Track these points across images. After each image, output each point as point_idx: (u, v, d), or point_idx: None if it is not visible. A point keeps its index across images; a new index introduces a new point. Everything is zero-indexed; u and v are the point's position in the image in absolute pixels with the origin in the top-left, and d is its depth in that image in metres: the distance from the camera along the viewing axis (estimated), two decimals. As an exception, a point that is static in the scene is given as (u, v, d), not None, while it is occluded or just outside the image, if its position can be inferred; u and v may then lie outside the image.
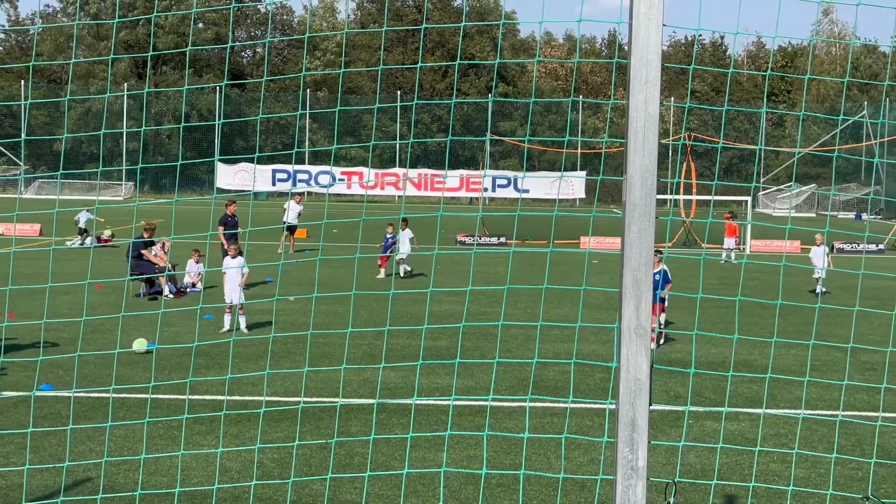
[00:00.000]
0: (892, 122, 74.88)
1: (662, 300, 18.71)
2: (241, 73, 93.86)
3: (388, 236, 29.17)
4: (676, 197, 45.29)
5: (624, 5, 4.08)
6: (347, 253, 31.67)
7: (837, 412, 13.38)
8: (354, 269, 16.11)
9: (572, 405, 13.57)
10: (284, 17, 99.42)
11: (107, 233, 35.45)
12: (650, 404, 4.16)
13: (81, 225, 37.94)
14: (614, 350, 4.31)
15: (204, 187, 79.62)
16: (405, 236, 28.71)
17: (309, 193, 79.02)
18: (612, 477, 4.27)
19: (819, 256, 27.46)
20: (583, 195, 77.05)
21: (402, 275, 28.49)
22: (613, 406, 4.26)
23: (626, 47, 4.21)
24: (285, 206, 37.20)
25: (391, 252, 28.42)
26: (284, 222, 35.09)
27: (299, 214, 36.05)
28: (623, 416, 4.10)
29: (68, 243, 36.81)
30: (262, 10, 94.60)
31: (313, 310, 20.99)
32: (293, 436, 11.24)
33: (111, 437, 11.36)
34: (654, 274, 4.23)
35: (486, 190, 74.32)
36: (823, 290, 27.14)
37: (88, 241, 35.93)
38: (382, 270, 28.95)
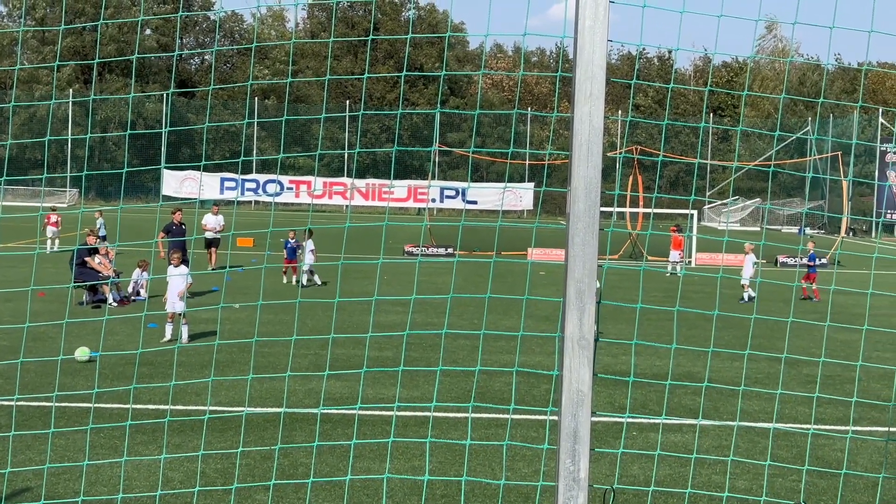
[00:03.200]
0: (835, 138, 75.88)
1: None
2: (189, 81, 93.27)
3: (289, 241, 29.67)
4: (623, 210, 45.62)
5: (570, 19, 4.10)
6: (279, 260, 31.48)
7: (778, 424, 13.53)
8: (300, 278, 16.03)
9: (515, 415, 13.61)
10: (233, 24, 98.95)
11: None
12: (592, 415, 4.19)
13: (102, 233, 35.98)
14: (556, 360, 4.34)
15: (150, 195, 78.96)
16: (307, 247, 29.09)
17: (256, 202, 78.63)
18: (553, 483, 4.29)
19: (748, 265, 29.05)
20: (531, 206, 77.36)
21: (304, 284, 28.50)
22: (555, 417, 4.28)
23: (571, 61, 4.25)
24: (204, 220, 33.76)
25: (296, 258, 29.07)
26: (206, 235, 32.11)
27: (221, 226, 33.53)
28: (565, 428, 4.13)
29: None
30: (212, 18, 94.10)
31: (258, 319, 20.88)
32: (237, 445, 11.17)
33: (52, 447, 11.22)
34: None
35: (433, 200, 74.40)
36: (752, 295, 28.37)
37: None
38: (284, 276, 29.47)
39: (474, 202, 75.88)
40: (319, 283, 28.85)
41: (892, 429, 13.60)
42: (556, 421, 4.26)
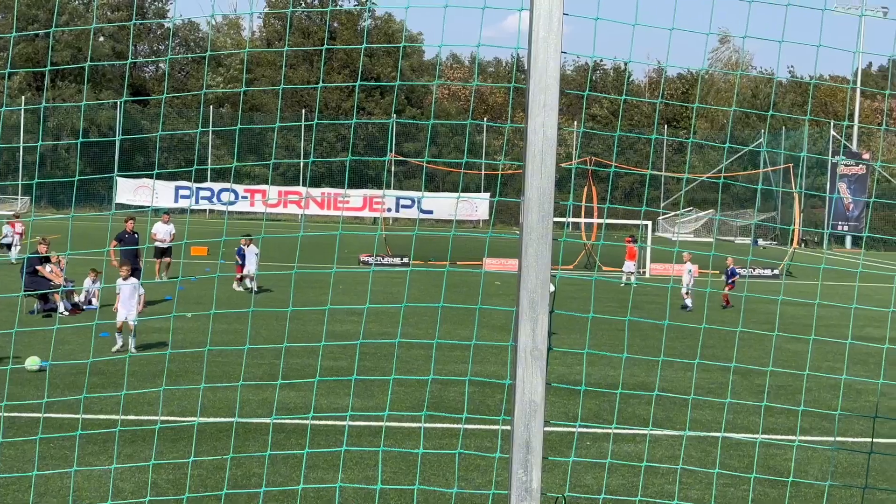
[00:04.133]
0: (773, 150, 76.66)
1: None
2: (143, 88, 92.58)
3: (242, 248, 29.91)
4: (578, 220, 45.79)
5: (524, 30, 4.12)
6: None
7: (730, 433, 13.63)
8: (252, 286, 15.96)
9: (470, 425, 13.61)
10: (188, 33, 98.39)
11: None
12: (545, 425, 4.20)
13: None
14: (509, 370, 4.35)
15: (104, 203, 78.26)
16: (251, 253, 29.19)
17: (210, 211, 78.19)
18: (506, 492, 4.29)
19: (685, 274, 30.32)
20: (486, 216, 77.47)
21: (255, 290, 28.62)
22: (508, 426, 4.28)
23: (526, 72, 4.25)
24: (154, 229, 32.30)
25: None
26: (155, 244, 31.13)
27: (172, 236, 32.50)
28: (517, 438, 4.13)
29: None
30: (166, 25, 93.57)
31: (210, 328, 20.75)
32: (189, 455, 11.09)
33: (1, 457, 11.08)
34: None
35: (389, 210, 74.33)
36: (689, 305, 29.89)
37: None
38: (236, 283, 29.59)
39: (430, 212, 75.90)
40: (255, 289, 28.76)
41: (838, 437, 13.74)
42: (509, 431, 4.27)
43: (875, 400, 16.92)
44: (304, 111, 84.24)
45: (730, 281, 31.07)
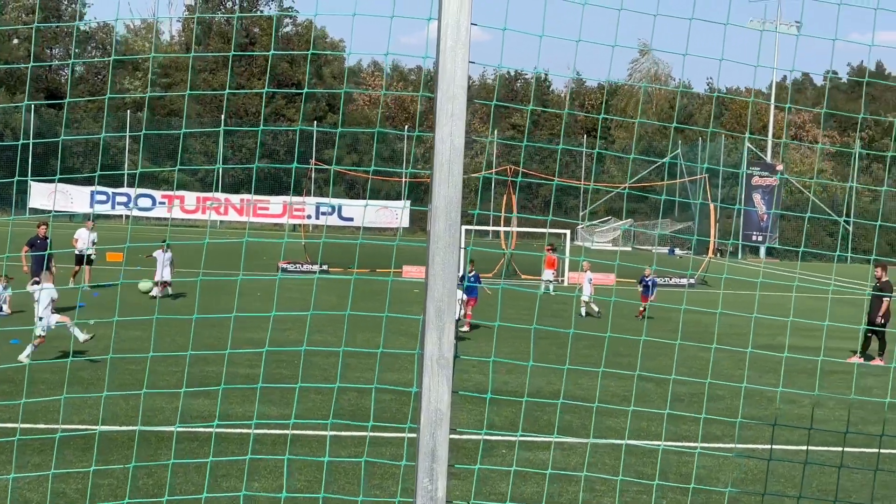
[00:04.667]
0: (687, 162, 77.78)
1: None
2: (59, 92, 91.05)
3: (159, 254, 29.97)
4: (497, 228, 46.00)
5: (432, 39, 4.13)
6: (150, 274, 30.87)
7: (645, 441, 13.78)
8: (161, 293, 15.79)
9: (386, 433, 13.59)
10: (104, 36, 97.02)
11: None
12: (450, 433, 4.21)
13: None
14: (415, 378, 4.35)
15: (17, 208, 76.77)
16: (165, 258, 29.16)
17: (127, 217, 77.15)
18: (412, 500, 4.29)
19: (586, 283, 31.07)
20: (407, 224, 77.48)
21: (170, 294, 28.83)
22: (415, 434, 4.28)
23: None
24: (76, 234, 31.49)
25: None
26: (76, 251, 30.32)
27: (93, 243, 31.19)
28: (423, 446, 4.13)
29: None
30: (83, 28, 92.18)
31: (114, 335, 20.45)
32: (100, 464, 10.92)
33: None
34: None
35: (309, 217, 73.98)
36: (591, 311, 30.84)
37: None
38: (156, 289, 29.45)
39: (350, 219, 75.72)
40: (160, 295, 28.69)
41: (749, 445, 13.96)
42: (415, 438, 4.27)
43: (785, 407, 17.23)
44: (223, 117, 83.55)
45: (648, 292, 30.32)
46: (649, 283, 30.91)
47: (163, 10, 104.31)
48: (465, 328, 24.76)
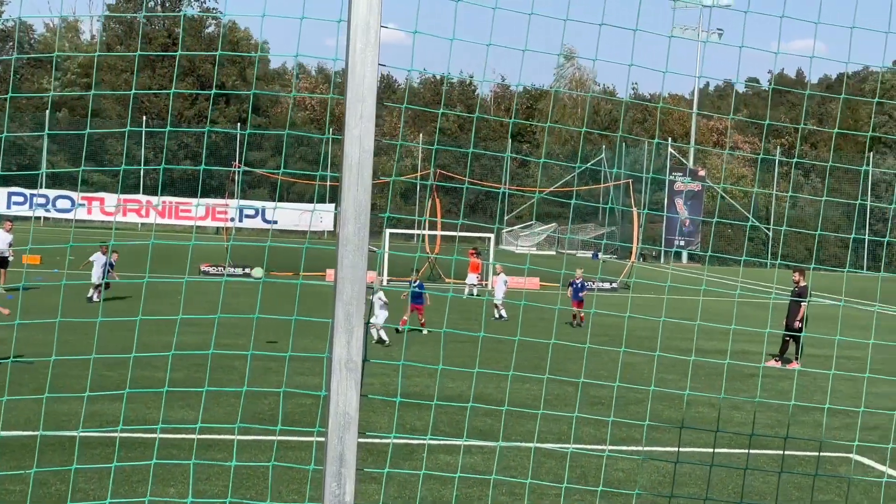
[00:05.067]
0: (592, 166, 78.62)
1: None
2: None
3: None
4: (422, 232, 46.01)
5: (341, 44, 4.11)
6: (84, 278, 30.40)
7: (566, 445, 13.85)
8: (95, 295, 15.53)
9: (306, 438, 13.51)
10: (22, 34, 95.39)
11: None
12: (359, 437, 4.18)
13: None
14: (324, 382, 4.32)
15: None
16: (103, 261, 29.02)
17: (46, 219, 75.93)
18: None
19: (500, 286, 30.73)
20: (331, 227, 77.20)
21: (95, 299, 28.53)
22: (322, 438, 4.25)
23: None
24: None
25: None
26: None
27: (10, 245, 30.41)
28: (331, 451, 4.10)
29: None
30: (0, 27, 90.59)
31: (14, 337, 20.05)
32: (12, 470, 10.72)
33: None
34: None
35: (233, 220, 73.40)
36: (504, 315, 30.75)
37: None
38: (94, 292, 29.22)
39: (275, 222, 75.27)
40: (99, 299, 28.24)
41: (668, 448, 14.10)
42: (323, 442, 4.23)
43: (704, 410, 17.43)
44: (144, 118, 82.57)
45: (578, 296, 29.51)
46: (578, 286, 29.83)
47: (82, 10, 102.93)
48: (425, 332, 24.68)
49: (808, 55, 7.08)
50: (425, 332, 24.75)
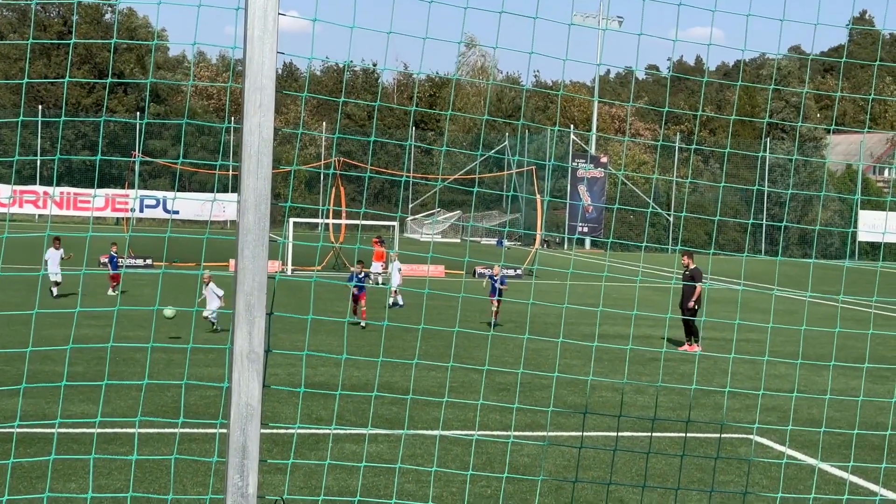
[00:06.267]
0: (520, 159, 79.16)
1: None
2: None
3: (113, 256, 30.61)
4: (327, 221, 45.80)
5: (240, 32, 4.06)
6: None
7: (472, 431, 13.92)
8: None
9: (210, 430, 13.38)
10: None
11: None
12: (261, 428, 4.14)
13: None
14: (226, 373, 4.27)
15: None
16: (54, 256, 28.73)
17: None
18: (223, 497, 4.22)
19: (395, 273, 30.85)
20: (234, 217, 76.44)
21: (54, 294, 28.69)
22: (225, 430, 4.21)
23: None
24: None
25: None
26: None
27: None
28: (234, 442, 4.06)
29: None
30: None
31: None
32: None
33: None
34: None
35: (133, 210, 72.23)
36: (400, 302, 31.08)
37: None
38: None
39: (176, 212, 74.23)
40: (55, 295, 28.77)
41: (573, 433, 14.26)
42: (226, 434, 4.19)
43: (607, 395, 17.65)
44: (41, 107, 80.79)
45: (495, 291, 25.98)
46: (496, 281, 26.23)
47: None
48: (363, 324, 24.44)
49: (705, 43, 7.20)
50: (363, 324, 24.42)
